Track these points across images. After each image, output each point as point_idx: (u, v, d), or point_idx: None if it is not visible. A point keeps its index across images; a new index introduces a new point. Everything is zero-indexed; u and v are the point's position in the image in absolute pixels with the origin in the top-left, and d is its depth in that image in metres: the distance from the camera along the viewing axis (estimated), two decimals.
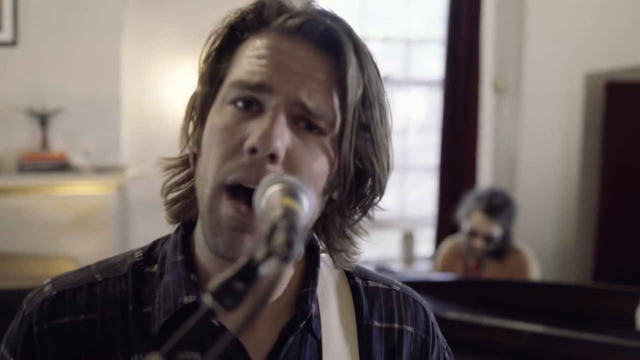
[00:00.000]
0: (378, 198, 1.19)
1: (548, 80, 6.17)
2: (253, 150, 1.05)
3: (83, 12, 4.90)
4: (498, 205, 4.46)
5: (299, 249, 0.79)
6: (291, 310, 1.17)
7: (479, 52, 5.99)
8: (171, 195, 1.21)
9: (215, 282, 0.80)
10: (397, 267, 6.09)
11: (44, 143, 4.84)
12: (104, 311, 1.15)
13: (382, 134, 1.15)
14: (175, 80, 5.13)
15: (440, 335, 1.32)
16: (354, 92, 1.09)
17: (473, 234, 4.46)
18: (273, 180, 0.95)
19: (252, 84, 1.08)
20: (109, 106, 4.96)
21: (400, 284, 1.32)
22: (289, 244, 0.79)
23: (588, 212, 6.03)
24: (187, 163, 1.20)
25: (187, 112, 1.19)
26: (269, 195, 0.93)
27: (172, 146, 4.59)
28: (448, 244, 4.84)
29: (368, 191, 1.17)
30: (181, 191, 1.21)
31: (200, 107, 1.16)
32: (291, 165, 1.06)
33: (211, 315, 0.80)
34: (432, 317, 1.31)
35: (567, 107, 6.20)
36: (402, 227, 6.31)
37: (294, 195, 0.92)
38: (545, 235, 6.17)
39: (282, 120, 1.06)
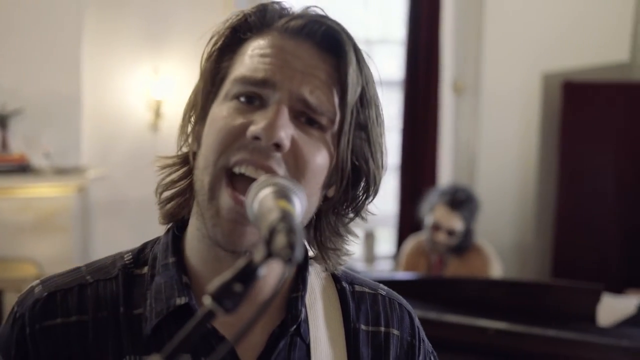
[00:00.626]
0: (372, 197, 1.21)
1: (506, 80, 6.25)
2: (256, 138, 1.07)
3: (42, 13, 4.85)
4: (461, 200, 4.52)
5: (301, 251, 0.80)
6: (280, 314, 1.18)
7: (438, 53, 6.03)
8: (166, 194, 1.22)
9: (214, 284, 0.81)
10: (359, 266, 6.11)
11: (4, 144, 4.79)
12: (96, 312, 1.15)
13: (378, 134, 1.18)
14: (135, 81, 5.10)
15: (426, 339, 1.33)
16: (354, 91, 1.12)
17: (436, 227, 4.50)
18: (265, 183, 0.96)
19: (256, 80, 1.10)
20: (69, 107, 4.92)
21: (386, 288, 1.33)
22: (291, 246, 0.80)
23: (546, 209, 6.12)
24: (184, 161, 1.21)
25: (186, 110, 1.21)
26: (261, 198, 0.93)
27: (133, 147, 4.59)
28: (411, 242, 4.87)
29: (362, 190, 1.19)
30: (177, 189, 1.21)
31: (201, 104, 1.17)
32: (296, 155, 1.09)
33: (211, 316, 0.81)
34: (417, 322, 1.33)
35: (525, 106, 6.28)
36: (363, 226, 6.33)
37: (287, 198, 0.93)
38: (505, 232, 6.25)
39: (285, 112, 1.08)
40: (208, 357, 1.11)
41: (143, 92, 5.09)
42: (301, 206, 0.95)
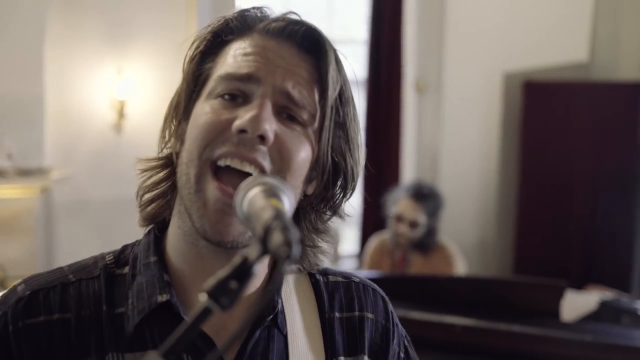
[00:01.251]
0: (349, 194, 1.25)
1: (468, 79, 6.32)
2: (242, 132, 1.10)
3: (4, 13, 4.80)
4: (424, 193, 4.58)
5: (299, 248, 0.82)
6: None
7: (401, 53, 6.08)
8: (147, 196, 1.24)
9: (210, 281, 0.83)
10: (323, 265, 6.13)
11: None
12: (78, 311, 1.16)
13: (355, 132, 1.22)
14: (98, 82, 5.07)
15: (399, 323, 1.37)
16: (333, 89, 1.17)
17: (399, 219, 4.54)
18: (253, 182, 0.98)
19: (240, 75, 1.14)
20: (32, 108, 4.87)
21: (360, 276, 1.37)
22: (289, 243, 0.82)
23: (508, 207, 6.20)
24: (166, 163, 1.23)
25: (168, 112, 1.24)
26: (251, 197, 0.95)
27: (97, 147, 4.56)
28: (375, 240, 4.91)
29: (340, 187, 1.23)
30: (158, 190, 1.24)
31: (184, 104, 1.20)
32: (280, 148, 1.12)
33: (208, 313, 0.83)
34: (390, 307, 1.36)
35: (486, 105, 6.36)
36: None
37: (277, 196, 0.95)
38: (467, 230, 6.32)
39: (269, 106, 1.12)
40: (191, 355, 1.13)
41: (106, 92, 5.06)
42: (290, 204, 0.97)
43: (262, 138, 1.10)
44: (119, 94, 5.04)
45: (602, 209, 5.78)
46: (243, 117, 1.10)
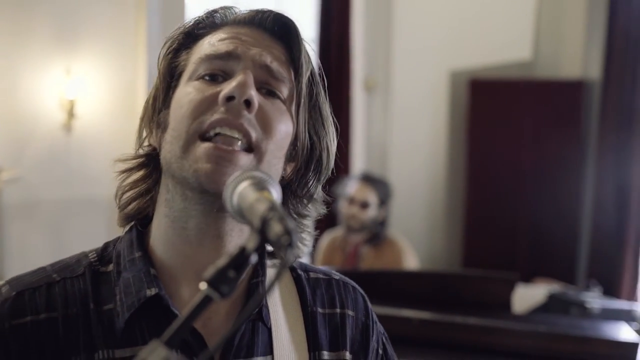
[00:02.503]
0: (323, 178, 1.28)
1: (415, 77, 6.41)
2: (229, 99, 1.12)
3: None
4: (374, 178, 4.72)
5: (299, 236, 0.85)
6: (243, 299, 1.22)
7: (349, 52, 6.13)
8: (127, 195, 1.25)
9: (210, 271, 0.86)
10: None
11: None
12: (65, 309, 1.16)
13: (328, 113, 1.27)
14: (48, 81, 5.00)
15: (377, 320, 1.39)
16: (306, 68, 1.21)
17: (350, 201, 4.62)
18: (241, 177, 0.99)
19: (220, 54, 1.18)
20: None
21: (338, 274, 1.40)
22: (289, 232, 0.85)
23: (455, 202, 6.30)
24: (144, 162, 1.25)
25: (144, 109, 1.25)
26: (240, 191, 0.97)
27: (47, 148, 4.49)
28: (326, 237, 4.96)
29: (314, 172, 1.26)
30: (138, 189, 1.25)
31: (163, 96, 1.22)
32: (263, 118, 1.15)
33: (208, 301, 0.85)
34: (369, 304, 1.39)
35: (434, 103, 6.46)
36: None
37: (266, 189, 0.97)
38: (416, 225, 6.40)
39: (251, 76, 1.15)
40: (179, 348, 1.14)
41: (55, 92, 4.99)
42: (278, 196, 0.98)
43: (248, 104, 1.12)
44: (68, 94, 4.99)
45: (548, 204, 5.92)
46: (230, 85, 1.13)
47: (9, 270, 4.87)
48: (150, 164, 1.24)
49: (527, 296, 4.38)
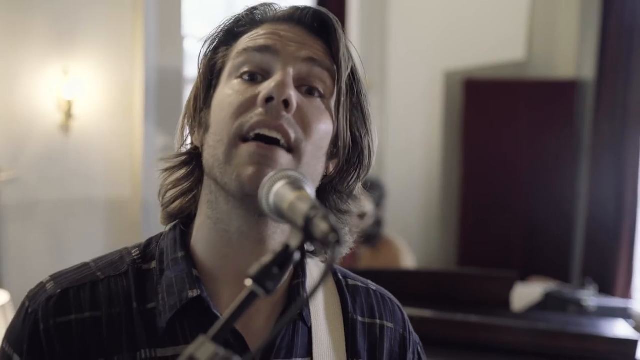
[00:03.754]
0: (364, 175, 1.28)
1: (410, 78, 6.43)
2: (268, 100, 1.12)
3: None
4: (367, 184, 4.69)
5: (345, 234, 0.86)
6: (284, 300, 1.22)
7: None
8: (170, 194, 1.25)
9: (255, 267, 0.87)
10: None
11: None
12: (109, 308, 1.17)
13: (369, 110, 1.26)
14: (46, 81, 4.99)
15: (414, 331, 1.38)
16: (346, 65, 1.20)
17: None
18: (276, 177, 1.00)
19: (258, 46, 1.17)
20: None
21: (374, 283, 1.39)
22: (335, 230, 0.85)
23: (450, 202, 6.34)
24: (187, 160, 1.25)
25: (186, 108, 1.25)
26: (276, 190, 0.98)
27: (44, 148, 4.49)
28: None
29: (355, 167, 1.25)
30: (181, 187, 1.25)
31: (204, 94, 1.23)
32: (302, 116, 1.14)
33: (253, 297, 0.87)
34: (406, 315, 1.38)
35: (428, 103, 6.48)
36: None
37: (302, 188, 0.97)
38: (411, 225, 6.43)
39: (291, 74, 1.15)
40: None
41: (53, 92, 4.99)
42: (313, 195, 0.99)
43: (287, 104, 1.11)
44: (65, 94, 4.99)
45: (542, 203, 5.96)
46: (268, 86, 1.12)
47: (7, 270, 4.87)
48: (192, 162, 1.24)
49: (524, 294, 4.41)
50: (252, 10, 1.25)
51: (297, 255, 0.89)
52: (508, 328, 3.30)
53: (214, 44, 1.24)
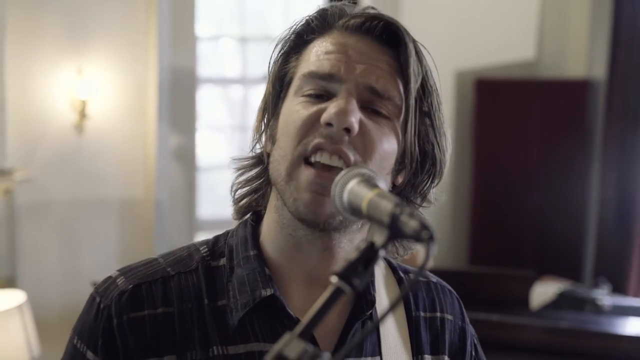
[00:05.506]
0: (437, 181, 1.28)
1: None
2: (329, 125, 1.13)
3: None
4: None
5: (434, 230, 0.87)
6: (351, 300, 1.23)
7: None
8: (240, 192, 1.28)
9: (340, 265, 0.88)
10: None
11: None
12: (181, 304, 1.18)
13: (442, 121, 1.26)
14: (60, 81, 5.01)
15: (469, 322, 1.41)
16: (415, 80, 1.19)
17: None
18: (349, 175, 1.02)
19: (323, 74, 1.17)
20: None
21: (434, 276, 1.41)
22: (427, 226, 0.87)
23: (461, 201, 6.33)
24: (258, 161, 1.27)
25: (258, 114, 1.27)
26: (350, 188, 0.99)
27: (58, 148, 4.51)
28: None
29: (428, 175, 1.25)
30: (251, 186, 1.27)
31: (272, 105, 1.24)
32: (364, 139, 1.14)
33: (340, 294, 0.87)
34: (463, 307, 1.41)
35: None
36: None
37: (377, 186, 0.98)
38: None
39: (353, 100, 1.14)
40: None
41: (67, 92, 5.00)
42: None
43: (348, 130, 1.12)
44: (79, 94, 5.00)
45: (554, 202, 5.95)
46: (329, 110, 1.13)
47: (21, 269, 4.88)
48: (262, 164, 1.26)
49: (537, 294, 4.42)
50: (323, 12, 1.24)
51: (382, 253, 0.89)
52: (530, 327, 3.31)
53: (284, 49, 1.25)
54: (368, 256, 0.89)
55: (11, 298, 3.69)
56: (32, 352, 3.64)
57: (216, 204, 5.95)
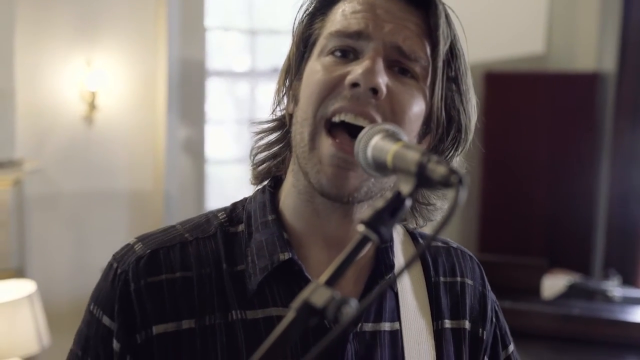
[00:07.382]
0: (462, 148, 1.25)
1: None
2: (354, 85, 1.09)
3: None
4: None
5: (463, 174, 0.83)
6: (370, 264, 1.23)
7: None
8: (260, 156, 1.26)
9: (367, 212, 0.87)
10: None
11: None
12: (199, 269, 1.17)
13: (468, 85, 1.22)
14: (69, 73, 5.02)
15: (490, 289, 1.39)
16: (444, 42, 1.16)
17: None
18: (373, 131, 0.99)
19: (350, 32, 1.14)
20: (3, 100, 4.79)
21: (455, 242, 1.39)
22: (455, 170, 0.83)
23: (470, 194, 6.31)
24: (279, 125, 1.25)
25: (280, 75, 1.25)
26: (374, 144, 0.96)
27: (68, 139, 4.52)
28: None
29: (452, 141, 1.23)
30: (271, 151, 1.26)
31: (296, 65, 1.22)
32: (392, 102, 1.11)
33: (366, 242, 0.86)
34: (484, 273, 1.39)
35: None
36: None
37: (401, 139, 0.95)
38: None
39: (380, 61, 1.11)
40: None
41: (76, 83, 5.01)
42: None
43: (375, 91, 1.09)
44: (89, 85, 5.01)
45: (563, 195, 5.94)
46: (355, 71, 1.10)
47: (30, 260, 4.89)
48: (283, 127, 1.25)
49: (548, 286, 4.41)
50: None
51: (408, 202, 0.87)
52: (541, 314, 3.30)
53: (309, 9, 1.22)
54: (394, 205, 0.87)
55: (21, 288, 3.69)
56: (42, 342, 3.64)
57: (225, 197, 5.94)
